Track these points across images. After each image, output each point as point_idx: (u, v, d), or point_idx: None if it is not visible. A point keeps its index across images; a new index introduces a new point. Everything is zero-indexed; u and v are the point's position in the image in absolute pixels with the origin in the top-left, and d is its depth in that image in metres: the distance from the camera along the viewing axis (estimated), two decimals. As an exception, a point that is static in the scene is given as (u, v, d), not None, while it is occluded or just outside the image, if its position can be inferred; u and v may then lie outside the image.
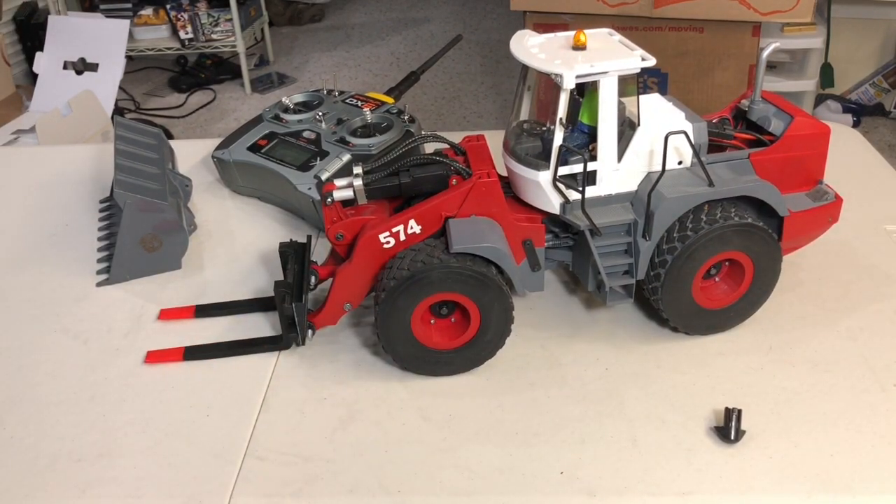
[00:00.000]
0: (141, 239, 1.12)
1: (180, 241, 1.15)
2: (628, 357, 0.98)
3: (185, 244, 1.16)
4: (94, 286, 1.13)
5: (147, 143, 1.27)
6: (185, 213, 1.21)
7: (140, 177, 1.15)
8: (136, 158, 1.20)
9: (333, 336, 1.02)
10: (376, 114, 1.31)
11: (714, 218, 0.92)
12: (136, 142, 1.25)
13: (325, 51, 4.53)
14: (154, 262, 1.14)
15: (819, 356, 0.98)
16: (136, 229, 1.11)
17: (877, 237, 1.19)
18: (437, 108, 3.83)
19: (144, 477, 0.84)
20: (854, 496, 0.80)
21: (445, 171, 0.96)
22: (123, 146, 1.22)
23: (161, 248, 1.14)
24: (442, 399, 0.93)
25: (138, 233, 1.12)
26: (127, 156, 1.20)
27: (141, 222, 1.11)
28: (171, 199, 1.15)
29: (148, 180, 1.15)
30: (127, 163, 1.18)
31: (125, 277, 1.14)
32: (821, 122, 1.02)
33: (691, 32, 2.65)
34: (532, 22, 2.70)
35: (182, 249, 1.16)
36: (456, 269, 0.90)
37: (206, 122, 3.78)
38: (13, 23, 3.62)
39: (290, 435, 0.89)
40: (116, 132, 1.25)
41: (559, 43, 0.92)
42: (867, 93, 3.52)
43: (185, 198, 1.26)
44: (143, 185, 1.14)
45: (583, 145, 0.93)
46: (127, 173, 1.14)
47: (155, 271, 1.15)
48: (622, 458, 0.85)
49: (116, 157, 1.18)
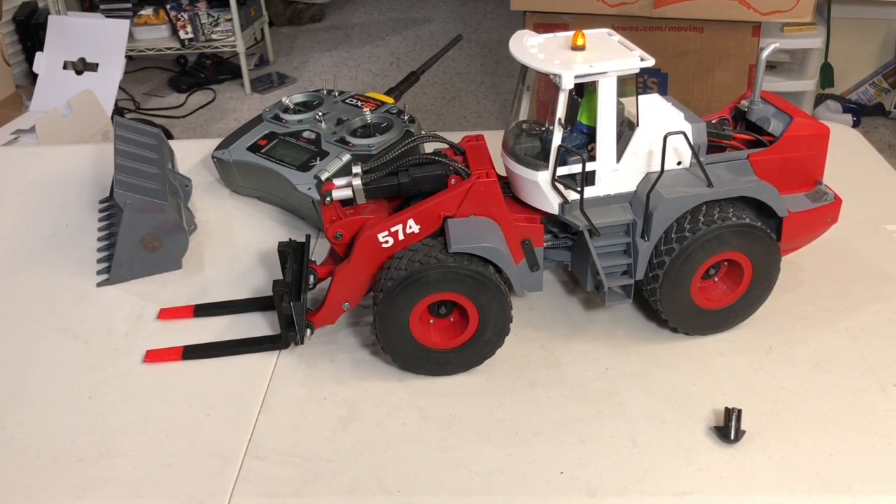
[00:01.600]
0: (141, 239, 1.12)
1: (181, 241, 1.15)
2: (628, 357, 0.98)
3: (186, 244, 1.16)
4: (95, 286, 1.13)
5: (147, 143, 1.26)
6: (186, 213, 1.21)
7: (140, 177, 1.15)
8: (136, 158, 1.20)
9: (332, 336, 1.02)
10: (376, 114, 1.31)
11: (712, 218, 0.92)
12: (135, 142, 1.25)
13: (325, 51, 4.53)
14: (154, 262, 1.14)
15: (819, 356, 0.98)
16: (136, 229, 1.11)
17: (877, 237, 1.19)
18: (437, 108, 3.83)
19: (144, 477, 0.85)
20: (854, 496, 0.80)
21: (444, 170, 0.96)
22: (123, 146, 1.22)
23: (161, 249, 1.13)
24: (442, 399, 0.93)
25: (138, 233, 1.11)
26: (127, 156, 1.19)
27: (141, 222, 1.11)
28: (171, 199, 1.14)
29: (148, 180, 1.15)
30: (127, 163, 1.17)
31: (125, 278, 1.14)
32: (820, 122, 1.02)
33: (691, 32, 2.65)
34: (532, 22, 2.70)
35: (182, 249, 1.16)
36: (453, 268, 0.90)
37: (206, 122, 3.78)
38: (13, 23, 3.62)
39: (290, 435, 0.89)
40: (116, 132, 1.25)
41: (558, 43, 0.92)
42: (867, 93, 3.52)
43: (186, 198, 1.26)
44: (144, 184, 1.13)
45: (582, 146, 0.93)
46: (127, 173, 1.14)
47: (155, 271, 1.15)
48: (622, 458, 0.85)
49: (116, 157, 1.17)
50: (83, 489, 0.84)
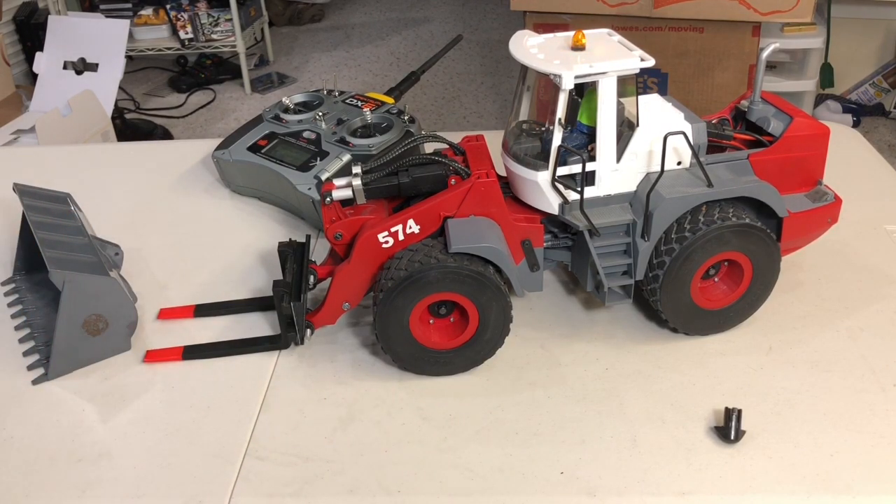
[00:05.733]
0: (84, 322, 0.97)
1: (128, 316, 1.00)
2: (628, 357, 0.98)
3: (135, 320, 1.01)
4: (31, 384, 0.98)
5: (60, 210, 1.10)
6: (125, 285, 1.05)
7: (70, 250, 1.00)
8: (56, 229, 1.04)
9: (332, 336, 1.02)
10: (376, 114, 1.31)
11: (712, 219, 0.92)
12: (48, 210, 1.08)
13: (325, 51, 4.53)
14: (100, 346, 0.99)
15: (819, 356, 0.98)
16: (76, 312, 0.96)
17: (877, 237, 1.19)
18: (437, 108, 3.83)
19: (144, 477, 0.85)
20: (854, 496, 0.80)
21: (444, 171, 0.96)
22: (37, 216, 1.05)
23: (107, 329, 0.98)
24: (442, 399, 0.93)
25: (80, 316, 0.96)
26: (45, 227, 1.03)
27: (82, 303, 0.96)
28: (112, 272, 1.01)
29: (80, 252, 1.00)
30: (49, 235, 1.01)
31: (67, 370, 0.99)
32: (820, 122, 1.02)
33: (691, 32, 2.65)
34: (532, 22, 2.70)
35: (131, 326, 1.01)
36: (453, 269, 0.90)
37: (206, 122, 3.78)
38: (13, 23, 3.62)
39: (289, 435, 0.89)
40: (23, 202, 1.07)
41: (558, 43, 0.92)
42: (867, 93, 3.52)
43: (118, 267, 1.12)
44: (78, 258, 0.99)
45: (582, 146, 0.93)
46: (55, 248, 0.98)
47: (101, 357, 1.00)
48: (622, 458, 0.85)
49: (35, 231, 1.01)
50: (83, 489, 0.84)
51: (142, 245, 1.22)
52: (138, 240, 1.23)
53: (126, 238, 1.19)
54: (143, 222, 1.28)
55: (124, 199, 1.34)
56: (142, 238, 1.23)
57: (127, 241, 1.17)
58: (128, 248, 1.16)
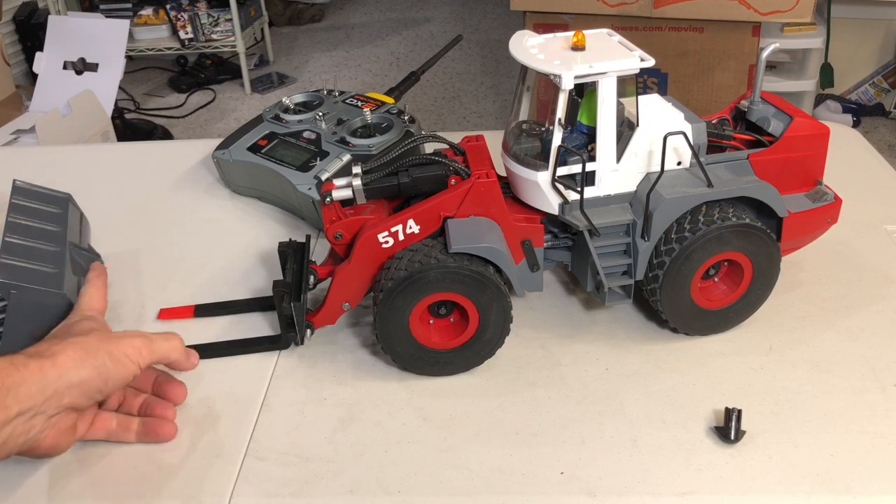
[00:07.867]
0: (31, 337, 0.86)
1: None
2: (628, 357, 0.98)
3: None
4: None
5: (50, 213, 1.02)
6: None
7: (29, 257, 0.92)
8: (31, 234, 0.96)
9: (332, 336, 1.02)
10: (376, 114, 1.31)
11: (712, 219, 0.92)
12: (35, 212, 1.01)
13: (325, 51, 4.53)
14: None
15: (819, 356, 0.98)
16: (22, 328, 0.87)
17: (877, 237, 1.19)
18: (437, 108, 3.83)
19: (144, 477, 0.85)
20: (854, 496, 0.80)
21: (444, 171, 0.96)
22: (17, 218, 0.98)
23: None
24: (442, 399, 0.93)
25: (26, 332, 0.86)
26: (19, 230, 0.96)
27: (28, 317, 0.87)
28: (68, 286, 0.92)
29: (40, 262, 0.92)
30: (17, 240, 0.94)
31: None
32: (820, 122, 1.02)
33: (691, 32, 2.65)
34: (532, 22, 2.71)
35: None
36: (453, 269, 0.90)
37: (206, 122, 3.78)
38: (13, 23, 3.62)
39: (290, 435, 0.89)
40: (12, 200, 1.00)
41: (558, 43, 0.92)
42: (867, 93, 3.53)
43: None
44: (33, 268, 0.91)
45: (582, 146, 0.93)
46: (14, 254, 0.91)
47: None
48: (622, 458, 0.85)
49: (5, 233, 0.94)
50: (83, 489, 0.84)
51: (141, 245, 1.22)
52: (138, 240, 1.23)
53: (125, 238, 1.19)
54: (142, 222, 1.28)
55: (124, 199, 1.34)
56: (141, 238, 1.23)
57: (126, 241, 1.17)
58: (127, 248, 1.16)
